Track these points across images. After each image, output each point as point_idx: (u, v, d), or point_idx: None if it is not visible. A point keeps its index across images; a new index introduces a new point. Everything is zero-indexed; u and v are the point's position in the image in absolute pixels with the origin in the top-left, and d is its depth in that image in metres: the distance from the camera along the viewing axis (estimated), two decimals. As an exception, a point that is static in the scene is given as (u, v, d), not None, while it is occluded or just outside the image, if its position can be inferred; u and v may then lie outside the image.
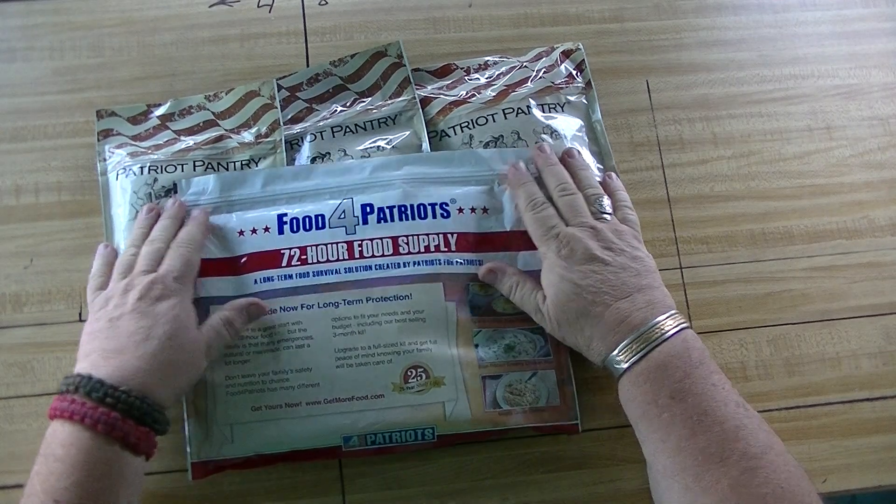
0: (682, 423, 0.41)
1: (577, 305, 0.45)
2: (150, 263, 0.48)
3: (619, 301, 0.44)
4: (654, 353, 0.43)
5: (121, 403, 0.40)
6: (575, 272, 0.45)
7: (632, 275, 0.46)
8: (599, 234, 0.47)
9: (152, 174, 0.55)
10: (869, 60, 0.66)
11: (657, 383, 0.42)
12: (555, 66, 0.62)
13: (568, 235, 0.47)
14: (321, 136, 0.58)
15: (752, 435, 0.41)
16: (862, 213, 0.61)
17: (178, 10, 0.63)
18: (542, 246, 0.48)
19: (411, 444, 0.49)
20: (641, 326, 0.43)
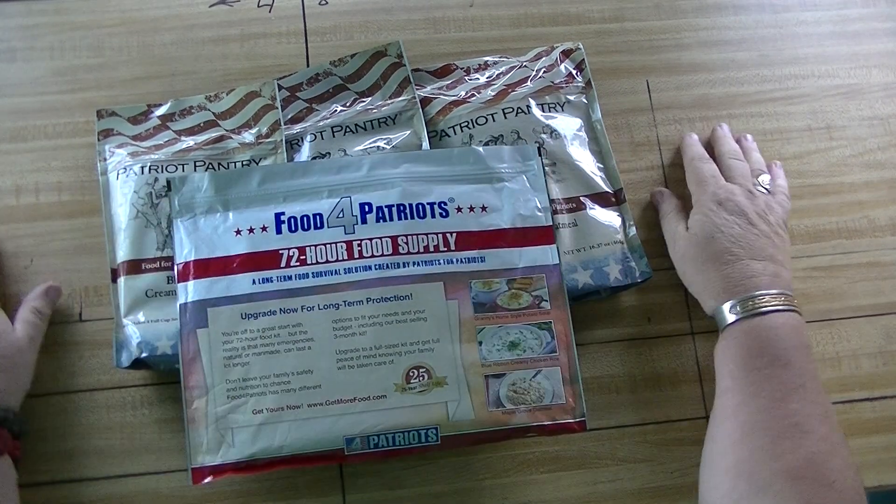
0: (780, 384, 0.42)
1: (713, 247, 0.47)
2: None
3: (753, 260, 0.46)
4: (774, 316, 0.44)
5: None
6: (722, 218, 0.48)
7: (770, 245, 0.48)
8: (755, 199, 0.50)
9: (153, 174, 0.55)
10: (869, 60, 0.66)
11: (769, 342, 0.43)
12: (555, 65, 0.62)
13: (727, 187, 0.50)
14: (321, 136, 0.58)
15: (836, 428, 0.42)
16: (862, 213, 0.62)
17: (178, 10, 0.63)
18: (699, 189, 0.51)
19: (415, 446, 0.49)
20: (770, 289, 0.45)
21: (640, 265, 0.56)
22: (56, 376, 0.54)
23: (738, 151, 0.55)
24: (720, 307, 0.47)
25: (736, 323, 0.45)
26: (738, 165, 0.54)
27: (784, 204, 0.54)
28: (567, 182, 0.57)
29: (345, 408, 0.49)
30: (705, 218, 0.49)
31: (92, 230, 0.57)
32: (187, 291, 0.50)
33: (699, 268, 0.49)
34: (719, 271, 0.47)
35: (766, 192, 0.52)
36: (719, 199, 0.50)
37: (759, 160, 0.57)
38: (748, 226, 0.48)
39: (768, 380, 0.43)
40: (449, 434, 0.50)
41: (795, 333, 0.45)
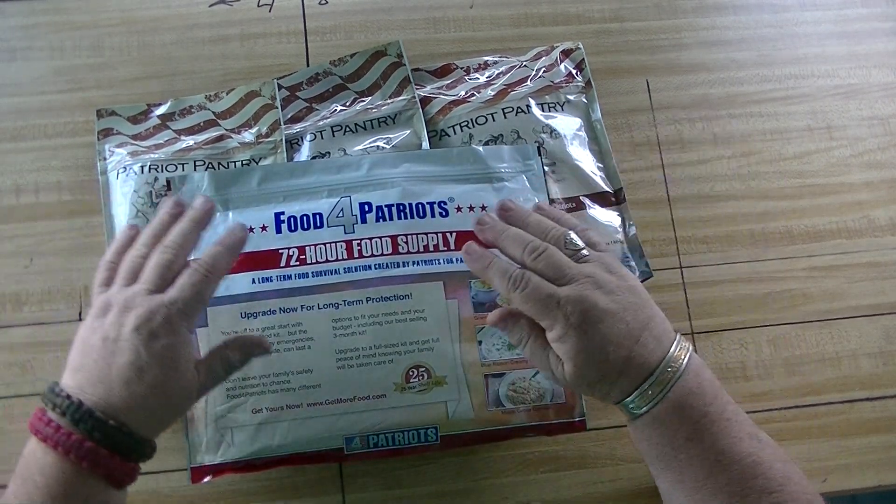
0: (699, 463, 0.41)
1: (597, 371, 0.42)
2: (157, 281, 0.41)
3: (633, 348, 0.42)
4: (670, 395, 0.41)
5: (108, 439, 0.38)
6: (591, 338, 0.41)
7: (636, 312, 0.43)
8: (597, 281, 0.42)
9: (153, 173, 0.55)
10: (869, 60, 0.66)
11: (673, 425, 0.41)
12: (554, 65, 0.62)
13: (570, 298, 0.41)
14: (321, 136, 0.58)
15: (770, 469, 0.40)
16: (862, 213, 0.62)
17: (178, 10, 0.63)
18: (546, 319, 0.42)
19: (415, 446, 0.49)
20: (656, 369, 0.41)
21: (639, 265, 0.56)
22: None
23: (531, 242, 0.45)
24: (622, 405, 0.43)
25: (640, 417, 0.42)
26: (548, 261, 0.43)
27: (595, 240, 0.46)
28: (567, 182, 0.57)
29: (344, 407, 0.49)
30: (575, 350, 0.42)
31: (92, 230, 0.57)
32: (187, 291, 0.50)
33: (592, 387, 0.43)
34: (613, 383, 0.42)
35: (586, 252, 0.44)
36: (575, 321, 0.41)
37: (542, 223, 0.46)
38: (615, 320, 0.42)
39: (688, 463, 0.41)
40: (448, 434, 0.50)
41: (699, 394, 0.41)
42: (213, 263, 0.43)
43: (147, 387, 0.39)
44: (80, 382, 0.40)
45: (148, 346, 0.39)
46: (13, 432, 0.53)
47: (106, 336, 0.40)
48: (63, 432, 0.37)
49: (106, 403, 0.38)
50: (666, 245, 0.60)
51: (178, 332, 0.41)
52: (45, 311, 0.56)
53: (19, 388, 0.54)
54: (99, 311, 0.42)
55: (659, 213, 0.60)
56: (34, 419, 0.39)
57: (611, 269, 0.44)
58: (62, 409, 0.38)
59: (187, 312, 0.41)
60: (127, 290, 0.42)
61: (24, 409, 0.53)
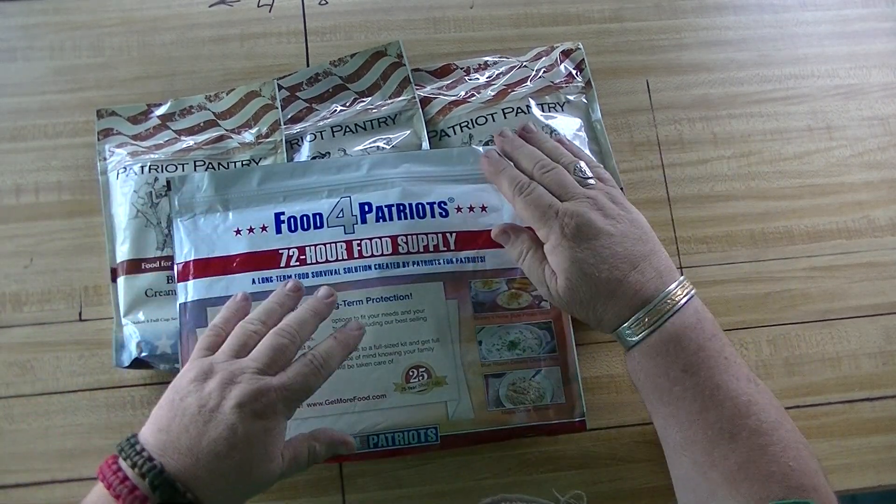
0: (693, 397, 0.41)
1: (589, 285, 0.43)
2: (269, 362, 0.41)
3: (630, 273, 0.43)
4: (666, 325, 0.42)
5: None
6: (584, 251, 0.43)
7: (637, 242, 0.44)
8: (597, 203, 0.45)
9: (153, 173, 0.55)
10: (869, 60, 0.66)
11: (670, 356, 0.41)
12: (554, 65, 0.62)
13: (569, 211, 0.44)
14: (321, 136, 0.58)
15: (763, 411, 0.40)
16: (862, 213, 0.62)
17: (178, 10, 0.63)
18: (543, 227, 0.45)
19: (415, 446, 0.49)
20: (653, 298, 0.42)
21: (639, 265, 0.56)
22: (56, 376, 0.54)
23: (543, 160, 0.48)
24: (618, 332, 0.44)
25: (636, 345, 0.43)
26: (555, 177, 0.46)
27: (606, 176, 0.48)
28: (567, 182, 0.57)
29: (344, 407, 0.49)
30: (568, 261, 0.43)
31: (92, 230, 0.57)
32: (187, 291, 0.50)
33: (584, 307, 0.44)
34: (606, 303, 0.43)
35: (593, 181, 0.47)
36: (570, 232, 0.43)
37: (558, 150, 0.49)
38: (610, 240, 0.43)
39: (682, 396, 0.41)
40: (448, 434, 0.50)
41: (697, 328, 0.42)
42: (327, 359, 0.43)
43: (234, 465, 0.39)
44: (164, 445, 0.39)
45: (247, 425, 0.39)
46: (13, 432, 0.53)
47: (203, 404, 0.39)
48: (138, 495, 0.37)
49: (186, 474, 0.38)
50: (666, 245, 0.58)
51: (278, 418, 0.40)
52: (45, 312, 0.56)
53: (19, 388, 0.54)
54: (200, 375, 0.41)
55: (659, 213, 0.60)
56: (107, 469, 0.38)
57: (615, 199, 0.46)
58: (142, 470, 0.37)
59: (293, 401, 0.41)
60: (234, 363, 0.41)
61: (23, 409, 0.53)
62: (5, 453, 0.53)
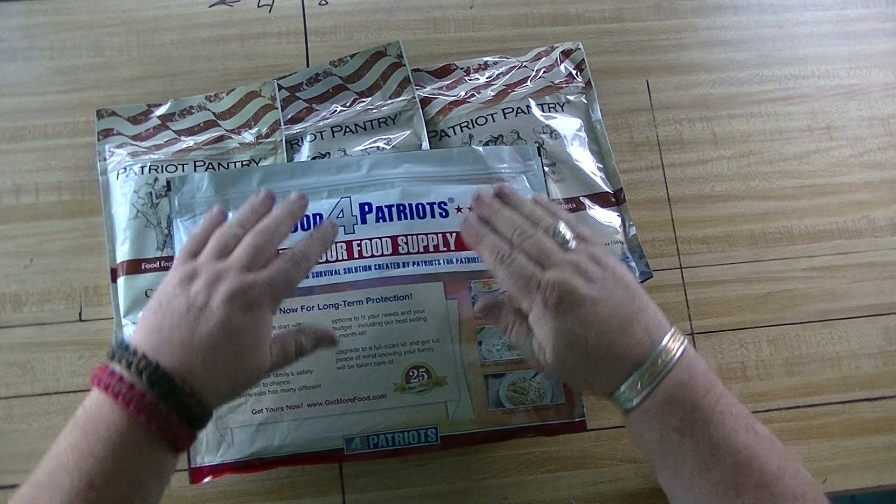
0: (693, 458, 0.40)
1: (577, 355, 0.42)
2: (250, 260, 0.42)
3: (618, 337, 0.42)
4: (660, 387, 0.41)
5: (179, 405, 0.38)
6: (569, 321, 0.42)
7: (622, 303, 0.43)
8: (579, 268, 0.43)
9: (153, 174, 0.55)
10: (869, 60, 0.66)
11: (665, 419, 0.41)
12: (554, 65, 0.62)
13: (550, 281, 0.42)
14: (321, 136, 0.58)
15: (766, 462, 0.40)
16: (862, 213, 0.62)
17: (178, 10, 0.63)
18: (526, 299, 0.43)
19: (414, 446, 0.49)
20: (645, 360, 0.41)
21: (639, 265, 0.56)
22: (56, 376, 0.54)
23: (521, 226, 0.46)
24: (613, 398, 0.43)
25: (633, 410, 0.42)
26: (536, 245, 0.44)
27: (587, 234, 0.47)
28: (567, 182, 0.57)
29: (344, 407, 0.49)
30: (554, 332, 0.42)
31: (92, 230, 0.57)
32: (187, 291, 0.50)
33: (576, 375, 0.43)
34: (597, 370, 0.42)
35: (573, 243, 0.45)
36: (552, 303, 0.42)
37: (536, 213, 0.47)
38: (595, 307, 0.42)
39: (683, 458, 0.40)
40: (448, 434, 0.50)
41: (690, 386, 0.41)
42: (306, 253, 0.45)
43: (228, 356, 0.40)
44: (156, 345, 0.39)
45: (237, 318, 0.40)
46: (13, 432, 0.53)
47: (192, 303, 0.40)
48: (137, 391, 0.37)
49: (182, 368, 0.39)
50: (666, 245, 0.60)
51: (265, 311, 0.42)
52: (45, 311, 0.56)
53: (19, 388, 0.54)
54: (185, 278, 0.42)
55: (659, 213, 0.60)
56: (101, 373, 0.39)
57: (598, 260, 0.44)
58: (138, 367, 0.38)
59: (277, 294, 0.42)
60: (218, 264, 0.42)
61: (23, 410, 0.53)
62: (5, 453, 0.53)
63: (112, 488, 0.36)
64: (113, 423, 0.37)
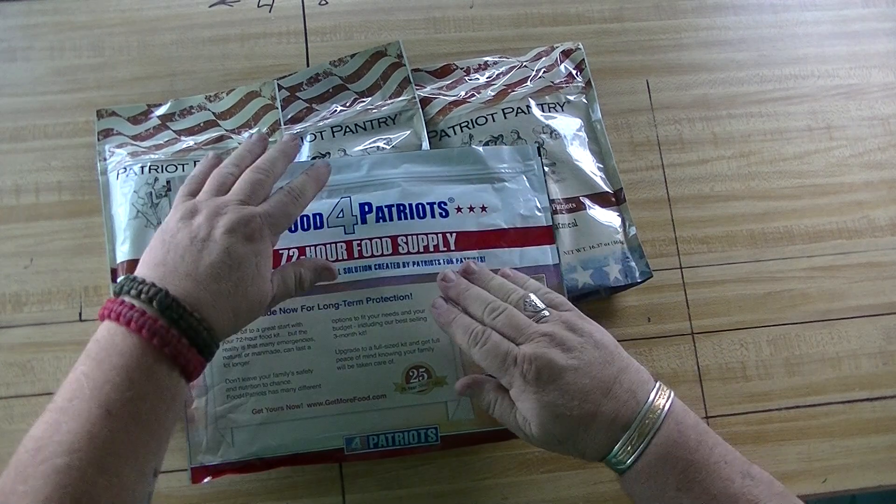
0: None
1: (562, 427, 0.42)
2: (249, 195, 0.44)
3: (603, 402, 0.41)
4: (651, 447, 0.41)
5: (190, 330, 0.38)
6: (550, 393, 0.41)
7: (603, 366, 0.42)
8: (555, 339, 0.43)
9: (153, 174, 0.55)
10: (869, 60, 0.66)
11: (660, 478, 0.41)
12: (554, 65, 0.62)
13: (527, 356, 0.42)
14: (321, 136, 0.58)
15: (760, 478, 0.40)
16: (862, 213, 0.62)
17: (178, 10, 0.63)
18: (505, 377, 0.43)
19: (414, 446, 0.49)
20: (632, 421, 0.41)
21: (639, 265, 0.56)
22: (56, 376, 0.54)
23: (492, 302, 0.46)
24: (606, 462, 0.42)
25: (628, 471, 0.41)
26: (507, 320, 0.44)
27: (558, 300, 0.47)
28: (567, 182, 0.57)
29: (344, 407, 0.49)
30: (536, 406, 0.42)
31: (92, 230, 0.57)
32: (187, 291, 0.50)
33: (564, 445, 0.43)
34: (585, 439, 0.42)
35: (547, 313, 0.45)
36: (531, 377, 0.42)
37: (504, 286, 0.47)
38: (575, 375, 0.41)
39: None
40: (449, 434, 0.50)
41: (681, 443, 0.41)
42: (302, 189, 0.46)
43: (233, 285, 0.41)
44: (163, 275, 0.40)
45: (239, 248, 0.41)
46: (13, 432, 0.53)
47: (195, 235, 0.41)
48: (149, 317, 0.38)
49: (191, 296, 0.39)
50: (666, 245, 0.60)
51: (265, 242, 0.43)
52: (45, 312, 0.56)
53: (19, 388, 0.54)
54: (186, 214, 0.43)
55: (659, 213, 0.60)
56: (110, 305, 0.39)
57: (573, 327, 0.44)
58: (149, 295, 0.38)
59: (276, 226, 0.44)
60: (218, 199, 0.44)
61: (23, 410, 0.53)
62: (5, 453, 0.52)
63: (128, 413, 0.36)
64: (126, 350, 0.37)
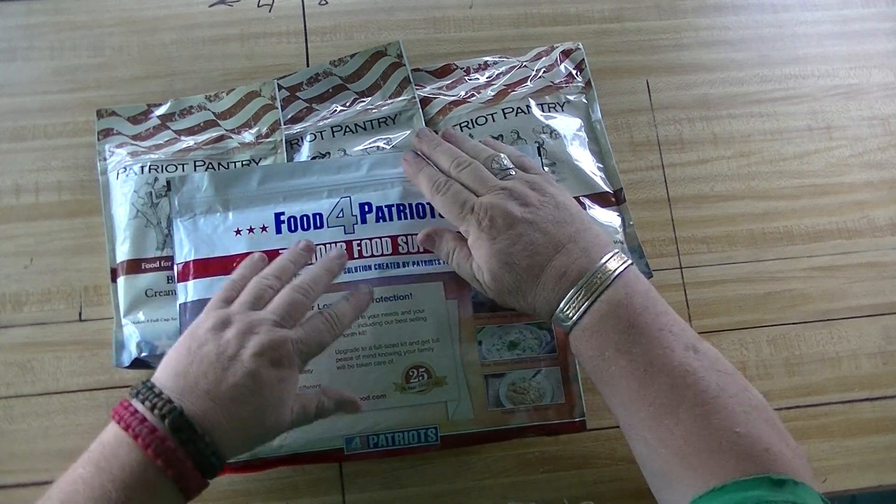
0: (629, 375, 0.40)
1: (513, 275, 0.43)
2: (285, 315, 0.42)
3: (554, 257, 0.42)
4: (596, 305, 0.41)
5: (198, 454, 0.38)
6: (501, 241, 0.43)
7: (560, 224, 0.43)
8: (514, 193, 0.44)
9: (153, 173, 0.55)
10: (869, 60, 0.66)
11: (602, 336, 0.41)
12: (554, 65, 0.62)
13: (483, 205, 0.44)
14: (321, 136, 0.58)
15: (702, 380, 0.39)
16: (862, 213, 0.62)
17: (178, 10, 0.63)
18: (462, 224, 0.45)
19: (414, 446, 0.49)
20: (581, 278, 0.41)
21: (639, 265, 0.56)
22: (56, 376, 0.54)
23: (460, 156, 0.48)
24: (553, 319, 0.43)
25: (573, 329, 0.42)
26: (472, 172, 0.46)
27: (531, 165, 0.48)
28: (567, 182, 0.57)
29: (344, 407, 0.49)
30: (488, 253, 0.43)
31: (92, 230, 0.57)
32: (187, 291, 0.50)
33: (515, 297, 0.44)
34: (535, 290, 0.42)
35: (513, 172, 0.46)
36: (486, 224, 0.43)
37: (477, 147, 0.49)
38: (529, 227, 0.43)
39: (619, 375, 0.40)
40: (448, 434, 0.50)
41: (626, 303, 0.41)
42: (341, 317, 0.45)
43: (251, 411, 0.40)
44: (182, 389, 0.39)
45: (265, 373, 0.40)
46: (13, 432, 0.53)
47: (222, 351, 0.40)
48: (157, 436, 0.37)
49: (205, 417, 0.38)
50: (666, 245, 0.60)
51: (293, 369, 0.42)
52: (45, 312, 0.56)
53: (19, 388, 0.54)
54: (217, 324, 0.41)
55: (659, 213, 0.60)
56: (122, 411, 0.38)
57: (535, 186, 0.45)
58: (161, 411, 0.38)
59: (307, 354, 0.43)
60: (253, 315, 0.42)
61: (23, 409, 0.53)
62: (5, 453, 0.53)
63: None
64: (129, 464, 0.37)
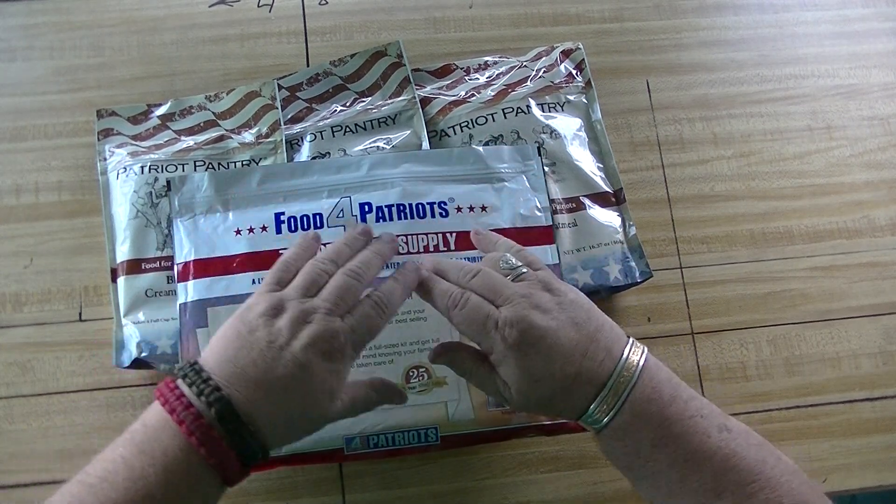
0: (669, 468, 0.40)
1: (544, 389, 0.41)
2: (338, 302, 0.41)
3: (581, 362, 0.41)
4: (626, 405, 0.40)
5: (242, 444, 0.37)
6: (532, 357, 0.41)
7: (580, 326, 0.42)
8: (533, 300, 0.42)
9: (153, 174, 0.55)
10: (869, 60, 0.66)
11: (636, 435, 0.40)
12: (554, 65, 0.62)
13: (508, 320, 0.41)
14: (321, 136, 0.58)
15: (742, 459, 0.39)
16: (862, 213, 0.62)
17: (178, 10, 0.63)
18: (485, 340, 0.43)
19: (414, 446, 0.49)
20: (608, 381, 0.41)
21: (639, 265, 0.56)
22: (56, 376, 0.54)
23: (466, 267, 0.46)
24: (583, 421, 0.42)
25: (603, 430, 0.41)
26: (484, 282, 0.44)
27: (533, 260, 0.47)
28: (567, 182, 0.57)
29: (344, 407, 0.49)
30: (518, 371, 0.42)
31: (92, 230, 0.57)
32: (187, 291, 0.50)
33: (544, 408, 0.43)
34: (564, 400, 0.41)
35: (524, 270, 0.45)
36: (513, 340, 0.41)
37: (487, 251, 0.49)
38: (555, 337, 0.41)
39: (659, 470, 0.40)
40: (449, 434, 0.50)
41: (655, 399, 0.41)
42: (390, 298, 0.44)
43: (298, 403, 0.39)
44: (230, 376, 0.38)
45: (316, 365, 0.39)
46: (13, 432, 0.53)
47: (273, 340, 0.39)
48: (203, 424, 0.36)
49: (251, 407, 0.38)
50: (666, 245, 0.60)
51: (345, 361, 0.41)
52: (45, 312, 0.56)
53: (19, 388, 0.54)
54: (269, 310, 0.41)
55: (659, 213, 0.60)
56: (168, 393, 0.38)
57: (548, 286, 0.44)
58: (209, 399, 0.37)
59: (360, 344, 0.42)
60: (306, 303, 0.41)
61: (23, 409, 0.53)
62: (5, 453, 0.53)
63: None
64: (171, 449, 0.36)
